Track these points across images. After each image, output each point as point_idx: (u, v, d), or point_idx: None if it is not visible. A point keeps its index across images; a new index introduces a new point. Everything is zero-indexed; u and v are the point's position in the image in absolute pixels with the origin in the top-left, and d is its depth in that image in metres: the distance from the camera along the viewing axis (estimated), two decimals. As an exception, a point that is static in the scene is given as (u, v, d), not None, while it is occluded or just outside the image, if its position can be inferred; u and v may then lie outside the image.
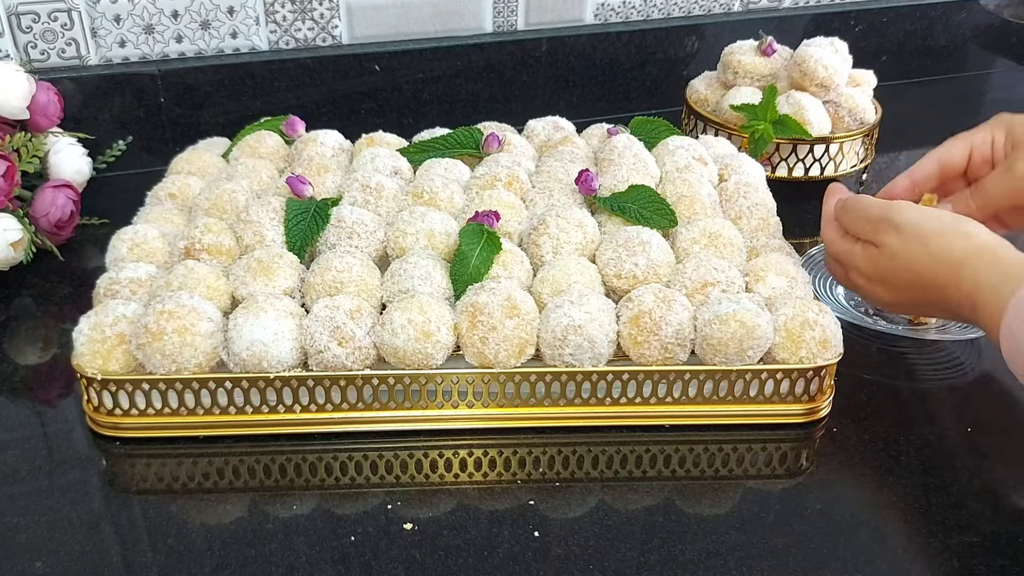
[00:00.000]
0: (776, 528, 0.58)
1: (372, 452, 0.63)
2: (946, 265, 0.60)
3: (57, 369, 0.72)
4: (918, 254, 0.61)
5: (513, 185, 0.76)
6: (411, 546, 0.56)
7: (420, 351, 0.62)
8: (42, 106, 0.85)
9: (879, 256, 0.63)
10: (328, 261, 0.66)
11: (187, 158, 0.83)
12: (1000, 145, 0.71)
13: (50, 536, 0.57)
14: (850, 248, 0.66)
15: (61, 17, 0.91)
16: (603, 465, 0.63)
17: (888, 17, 1.19)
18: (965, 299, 0.59)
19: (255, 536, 0.57)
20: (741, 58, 0.97)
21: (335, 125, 0.89)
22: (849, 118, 0.95)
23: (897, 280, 0.63)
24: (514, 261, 0.68)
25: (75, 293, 0.80)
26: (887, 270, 0.63)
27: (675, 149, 0.82)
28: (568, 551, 0.56)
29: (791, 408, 0.66)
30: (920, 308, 0.67)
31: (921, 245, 0.61)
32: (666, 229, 0.73)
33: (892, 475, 0.62)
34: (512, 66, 1.06)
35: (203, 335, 0.61)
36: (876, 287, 0.65)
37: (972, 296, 0.58)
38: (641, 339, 0.63)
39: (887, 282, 0.64)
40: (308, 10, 0.98)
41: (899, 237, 0.62)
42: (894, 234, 0.62)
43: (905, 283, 0.62)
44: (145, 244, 0.70)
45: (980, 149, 0.71)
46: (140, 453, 0.63)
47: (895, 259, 0.62)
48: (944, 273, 0.60)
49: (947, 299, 0.61)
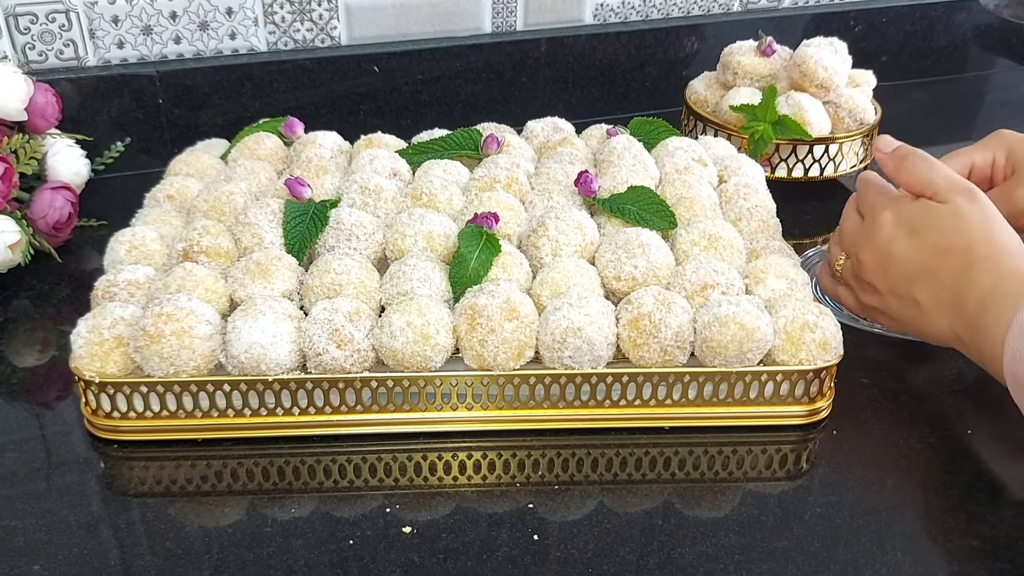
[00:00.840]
0: (776, 531, 0.58)
1: (371, 455, 0.63)
2: (991, 247, 0.60)
3: (55, 371, 0.71)
4: (979, 224, 0.61)
5: (512, 187, 0.76)
6: (410, 549, 0.56)
7: (419, 353, 0.62)
8: (40, 108, 0.85)
9: (940, 209, 0.63)
10: (327, 263, 0.66)
11: (185, 160, 0.83)
12: (1000, 167, 0.71)
13: (48, 539, 0.57)
14: (896, 194, 0.66)
15: (59, 18, 0.90)
16: (602, 468, 0.63)
17: (888, 17, 1.19)
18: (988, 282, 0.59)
19: (253, 539, 0.57)
20: (740, 59, 0.97)
21: (334, 126, 0.89)
22: (849, 119, 0.94)
23: (940, 236, 0.62)
24: (513, 263, 0.68)
25: (73, 295, 0.79)
26: (939, 224, 0.62)
27: (674, 150, 0.82)
28: (567, 554, 0.56)
29: (791, 410, 0.66)
30: (918, 281, 0.64)
31: (984, 220, 0.61)
32: (665, 231, 0.72)
33: (892, 478, 0.62)
34: (511, 67, 1.05)
35: (201, 338, 0.61)
36: (901, 236, 0.64)
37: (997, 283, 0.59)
38: (640, 341, 0.63)
39: (921, 234, 0.63)
40: (307, 11, 0.98)
41: (971, 203, 0.62)
42: (967, 198, 0.62)
43: (945, 242, 0.62)
44: (143, 246, 0.70)
45: (980, 168, 0.71)
46: (138, 456, 0.63)
47: (956, 217, 0.62)
48: (983, 252, 0.60)
49: (967, 277, 0.60)
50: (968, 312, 0.60)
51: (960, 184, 0.64)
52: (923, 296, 0.63)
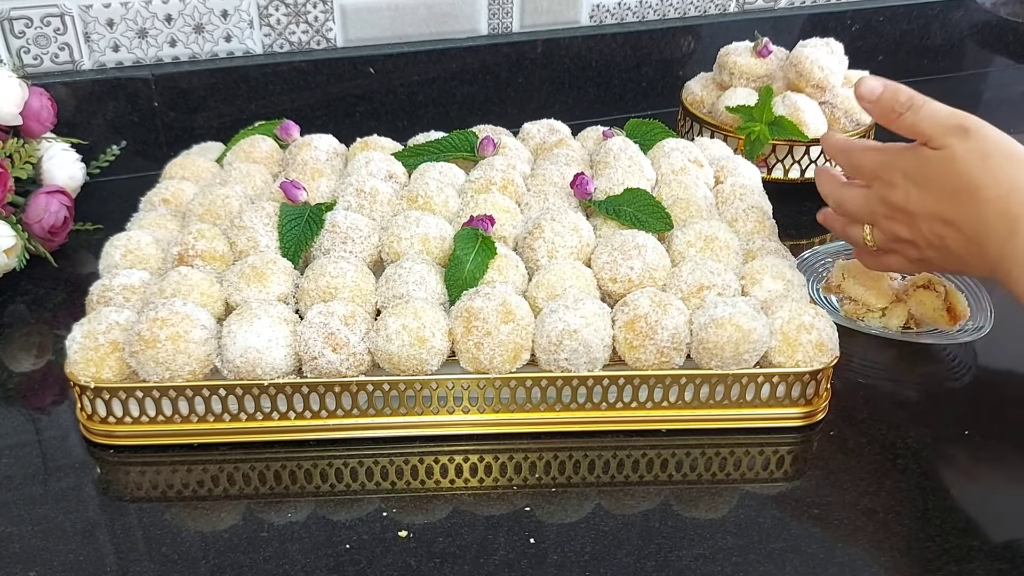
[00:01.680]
0: (773, 532, 0.58)
1: (367, 459, 0.63)
2: (1000, 187, 0.59)
3: (51, 376, 0.71)
4: (976, 164, 0.59)
5: (508, 189, 0.76)
6: (406, 553, 0.56)
7: (415, 357, 0.62)
8: (35, 112, 0.84)
9: (935, 156, 0.61)
10: (322, 267, 0.66)
11: (181, 163, 0.83)
12: None
13: (43, 545, 0.57)
14: (898, 148, 0.64)
15: (54, 22, 0.90)
16: (599, 470, 0.63)
17: (885, 16, 1.19)
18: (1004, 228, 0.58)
19: (249, 544, 0.57)
20: (737, 59, 0.97)
21: (330, 128, 0.89)
22: (845, 119, 0.94)
23: (943, 184, 0.61)
24: (509, 266, 0.68)
25: (69, 299, 0.79)
26: (938, 172, 0.61)
27: (671, 151, 0.82)
28: (564, 558, 0.56)
29: (788, 412, 0.65)
30: (941, 228, 0.62)
31: (981, 159, 0.59)
32: (661, 232, 0.72)
33: (889, 478, 0.62)
34: (507, 68, 1.05)
35: (197, 342, 0.61)
36: (911, 189, 0.62)
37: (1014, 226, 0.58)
38: (637, 343, 0.63)
39: (927, 185, 0.62)
40: (302, 13, 0.98)
41: (965, 143, 0.60)
42: (960, 138, 0.60)
43: (949, 189, 0.60)
44: (138, 250, 0.70)
45: None
46: (134, 461, 0.63)
47: (952, 161, 0.60)
48: (991, 194, 0.59)
49: (982, 222, 0.59)
50: (992, 255, 0.60)
51: (951, 123, 0.61)
52: (952, 242, 0.62)
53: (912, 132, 0.63)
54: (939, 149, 0.61)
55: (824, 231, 0.87)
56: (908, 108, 0.63)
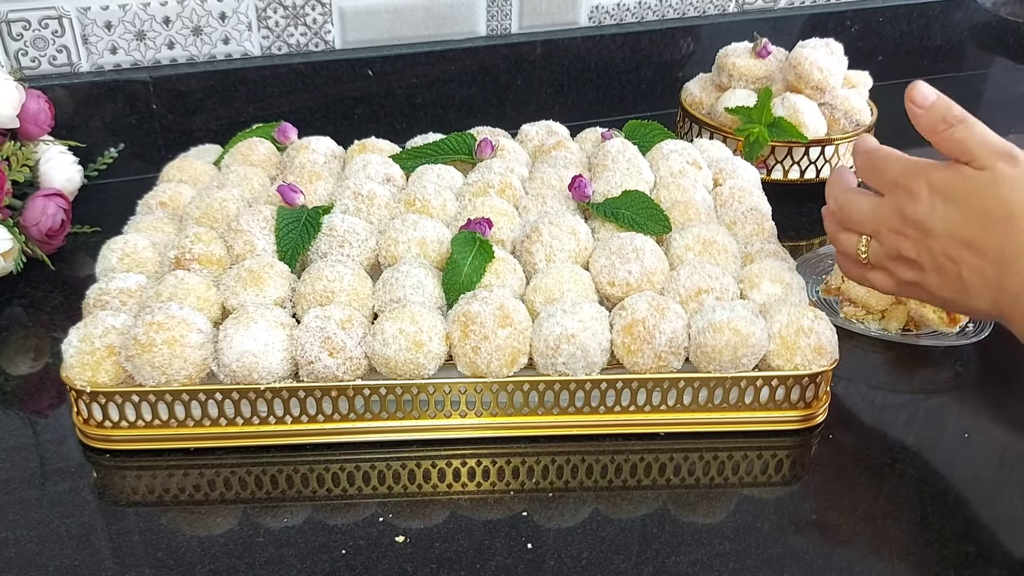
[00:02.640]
0: (771, 537, 0.58)
1: (364, 463, 0.63)
2: None
3: (48, 379, 0.71)
4: (1020, 192, 0.57)
5: (506, 192, 0.76)
6: (403, 558, 0.56)
7: (412, 361, 0.61)
8: (32, 114, 0.84)
9: (975, 175, 0.58)
10: (319, 270, 0.66)
11: (178, 166, 0.83)
12: None
13: (39, 550, 0.57)
14: (930, 161, 0.61)
15: (52, 24, 0.90)
16: (597, 474, 0.63)
17: (884, 17, 1.18)
18: None
19: (246, 548, 0.57)
20: (736, 60, 0.97)
21: (328, 131, 0.89)
22: (845, 120, 0.94)
23: (978, 205, 0.58)
24: (506, 269, 0.67)
25: (66, 302, 0.79)
26: (975, 192, 0.58)
27: (669, 153, 0.82)
28: (561, 563, 0.56)
29: (786, 415, 0.65)
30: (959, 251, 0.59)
31: None
32: (660, 235, 0.72)
33: (888, 483, 0.62)
34: (506, 70, 1.05)
35: (193, 346, 0.61)
36: (938, 203, 0.59)
37: None
38: (635, 347, 0.63)
39: (958, 202, 0.59)
40: (300, 15, 0.98)
41: (1014, 169, 0.57)
42: (1009, 164, 0.58)
43: (983, 211, 0.58)
44: (135, 254, 0.70)
45: None
46: (131, 465, 0.63)
47: (997, 185, 0.57)
48: None
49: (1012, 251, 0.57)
50: (1012, 288, 0.57)
51: (1000, 147, 0.58)
52: (966, 269, 0.59)
53: (957, 148, 0.60)
54: (982, 170, 0.58)
55: (823, 234, 0.87)
56: (960, 122, 0.60)
